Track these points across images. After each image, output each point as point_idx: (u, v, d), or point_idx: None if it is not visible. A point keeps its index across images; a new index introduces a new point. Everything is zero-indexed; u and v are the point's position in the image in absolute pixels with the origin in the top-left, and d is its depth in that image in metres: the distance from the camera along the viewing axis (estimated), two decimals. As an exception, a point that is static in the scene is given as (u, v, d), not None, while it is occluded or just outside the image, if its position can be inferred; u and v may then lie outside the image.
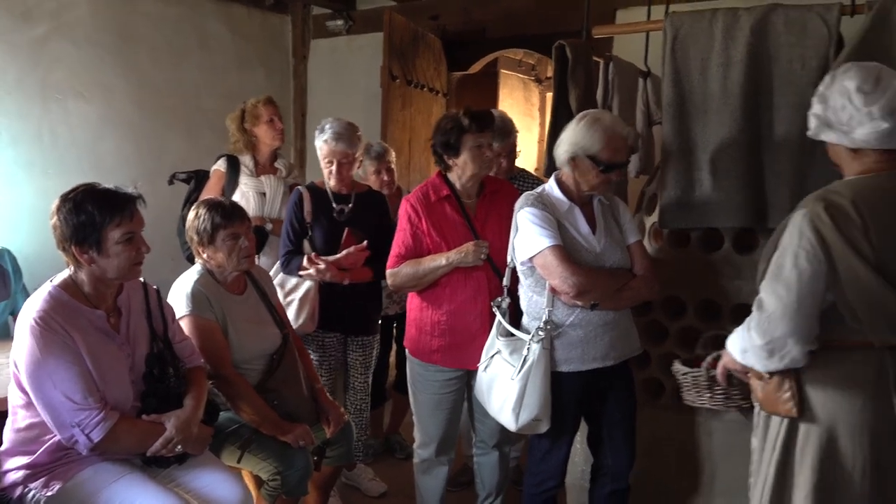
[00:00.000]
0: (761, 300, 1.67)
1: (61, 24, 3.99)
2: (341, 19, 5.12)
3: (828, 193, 1.67)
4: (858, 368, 1.66)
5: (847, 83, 1.67)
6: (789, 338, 1.63)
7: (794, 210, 1.71)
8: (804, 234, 1.63)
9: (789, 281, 1.63)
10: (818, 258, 1.61)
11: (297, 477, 2.34)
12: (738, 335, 1.74)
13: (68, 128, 4.07)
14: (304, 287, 2.97)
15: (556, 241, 2.16)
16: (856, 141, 1.68)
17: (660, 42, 2.56)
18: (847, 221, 1.61)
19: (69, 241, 1.90)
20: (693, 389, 2.12)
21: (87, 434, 1.86)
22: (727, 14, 2.39)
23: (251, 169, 3.43)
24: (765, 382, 1.75)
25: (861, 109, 1.65)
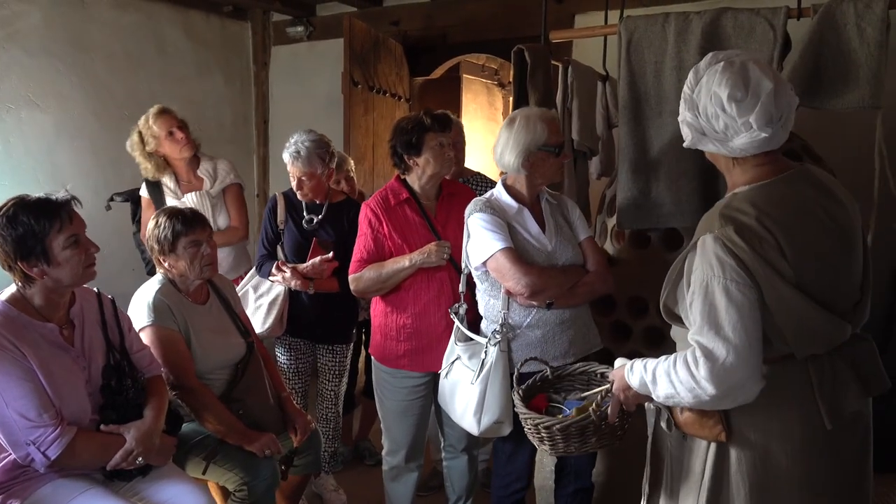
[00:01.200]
0: (707, 348, 1.47)
1: (14, 32, 3.90)
2: (301, 26, 5.10)
3: (732, 213, 1.51)
4: (783, 382, 1.55)
5: (717, 90, 1.53)
6: (747, 381, 1.48)
7: (696, 237, 1.55)
8: (725, 264, 1.47)
9: (732, 321, 1.46)
10: (748, 285, 1.46)
11: (263, 487, 2.32)
12: (669, 381, 1.54)
13: (22, 138, 3.98)
14: (275, 291, 3.02)
15: (507, 244, 2.20)
16: (734, 150, 1.55)
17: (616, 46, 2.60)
18: (761, 242, 1.47)
19: (14, 258, 1.85)
20: (574, 439, 1.85)
21: (44, 451, 1.82)
22: (679, 18, 2.44)
23: (173, 189, 3.27)
24: (683, 409, 1.62)
25: (737, 119, 1.52)
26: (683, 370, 1.50)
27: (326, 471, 3.26)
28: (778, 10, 2.30)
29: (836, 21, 2.19)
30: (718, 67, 1.55)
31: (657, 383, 1.57)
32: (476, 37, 4.60)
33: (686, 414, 1.61)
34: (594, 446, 1.86)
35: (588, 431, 1.83)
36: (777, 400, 1.54)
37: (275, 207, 3.04)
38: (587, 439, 1.84)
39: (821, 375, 1.54)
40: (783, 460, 1.56)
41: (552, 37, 2.94)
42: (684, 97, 1.62)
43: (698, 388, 1.48)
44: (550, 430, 1.84)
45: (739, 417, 1.56)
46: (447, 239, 2.46)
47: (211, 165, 3.35)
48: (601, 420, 1.78)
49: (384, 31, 4.70)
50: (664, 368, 1.55)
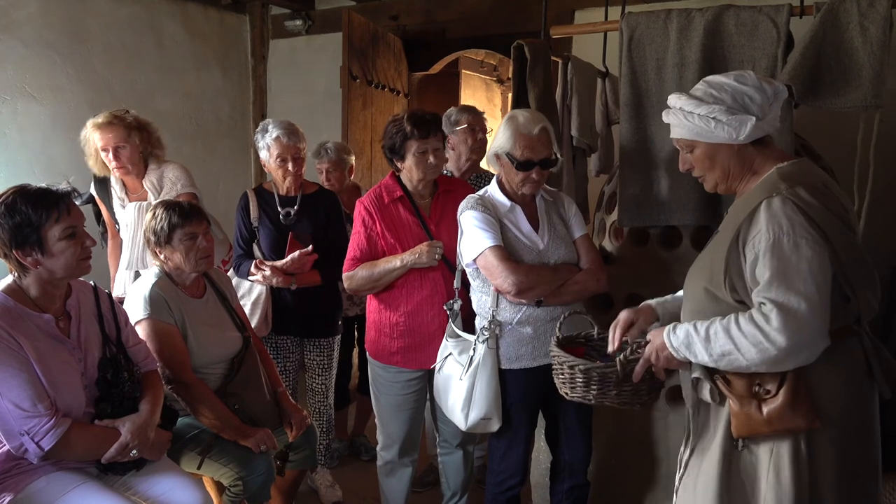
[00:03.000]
0: (779, 302, 1.47)
1: (10, 23, 3.88)
2: (300, 19, 5.08)
3: (795, 177, 1.57)
4: (853, 355, 1.58)
5: (742, 75, 1.66)
6: (817, 336, 1.49)
7: (745, 207, 1.58)
8: (795, 221, 1.50)
9: (803, 275, 1.48)
10: (818, 242, 1.50)
11: (259, 482, 2.31)
12: (721, 338, 1.53)
13: (18, 130, 3.95)
14: (256, 291, 2.96)
15: (496, 242, 2.19)
16: (769, 124, 1.65)
17: (617, 42, 2.59)
18: (830, 200, 1.54)
19: (9, 246, 1.85)
20: (594, 385, 1.85)
21: (38, 442, 1.81)
22: (681, 15, 2.43)
23: (121, 197, 3.01)
24: (762, 401, 1.55)
25: (767, 91, 1.63)
26: (749, 325, 1.50)
27: (323, 464, 3.25)
28: (781, 7, 2.29)
29: (839, 19, 2.19)
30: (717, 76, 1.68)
31: (711, 341, 1.54)
32: (475, 32, 4.59)
33: (772, 406, 1.54)
34: (612, 400, 1.85)
35: (609, 381, 1.82)
36: (851, 374, 1.58)
37: (247, 205, 2.98)
38: (606, 390, 1.84)
39: (873, 344, 1.60)
40: (860, 438, 1.58)
41: (552, 33, 2.93)
42: (689, 99, 1.66)
43: (766, 342, 1.47)
44: (574, 370, 1.86)
45: (825, 395, 1.55)
46: (440, 238, 2.44)
47: (157, 176, 2.98)
48: (625, 373, 1.78)
49: (383, 25, 4.68)
50: (722, 325, 1.54)
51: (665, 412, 2.51)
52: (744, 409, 1.57)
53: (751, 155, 1.66)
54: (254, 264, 2.86)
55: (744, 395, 1.57)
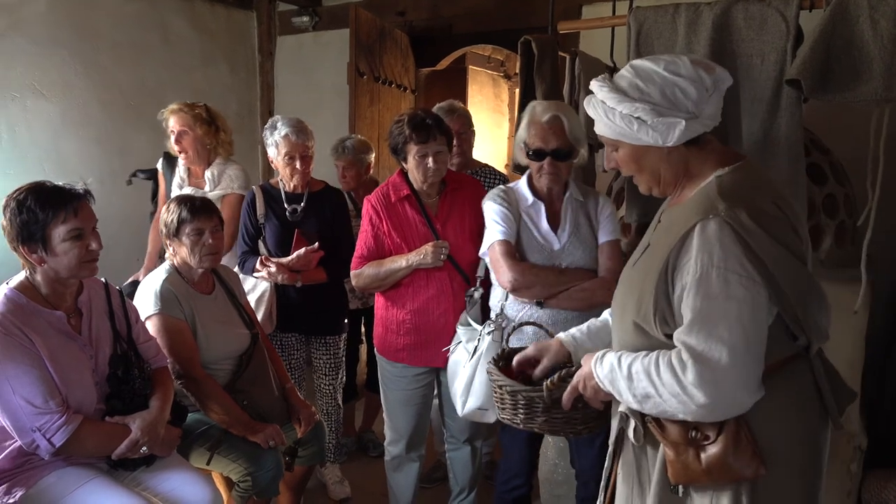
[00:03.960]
0: (697, 350, 1.28)
1: (19, 21, 3.89)
2: (307, 15, 5.07)
3: (737, 193, 1.34)
4: (800, 385, 1.39)
5: (674, 65, 1.38)
6: (741, 390, 1.29)
7: (682, 224, 1.34)
8: (729, 252, 1.28)
9: (729, 318, 1.27)
10: (753, 279, 1.27)
11: (268, 478, 2.32)
12: (641, 379, 1.34)
13: (28, 127, 3.97)
14: (261, 288, 2.96)
15: (505, 237, 2.20)
16: (706, 123, 1.39)
17: (625, 37, 2.58)
18: (778, 224, 1.31)
19: (16, 242, 1.88)
20: (522, 410, 1.68)
21: (49, 438, 1.82)
22: (690, 9, 2.41)
23: (183, 176, 3.28)
24: (700, 448, 1.35)
25: (705, 80, 1.38)
26: (668, 373, 1.30)
27: (332, 460, 3.25)
28: (790, 1, 2.27)
29: (850, 13, 2.16)
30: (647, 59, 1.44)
31: (633, 380, 1.35)
32: (482, 27, 4.58)
33: (711, 454, 1.34)
34: (541, 427, 1.69)
35: (536, 407, 1.66)
36: (800, 406, 1.39)
37: (253, 201, 2.98)
38: (534, 416, 1.67)
39: (824, 370, 1.42)
40: (813, 471, 1.40)
41: (560, 28, 2.92)
42: (611, 91, 1.42)
43: (684, 395, 1.28)
44: (502, 389, 1.72)
45: (770, 438, 1.35)
46: (447, 237, 2.44)
47: (219, 170, 3.23)
48: (552, 400, 1.61)
49: (390, 21, 4.67)
50: (643, 365, 1.34)
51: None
52: (680, 457, 1.37)
53: (684, 157, 1.43)
54: (259, 261, 2.86)
55: (679, 442, 1.37)
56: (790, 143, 2.30)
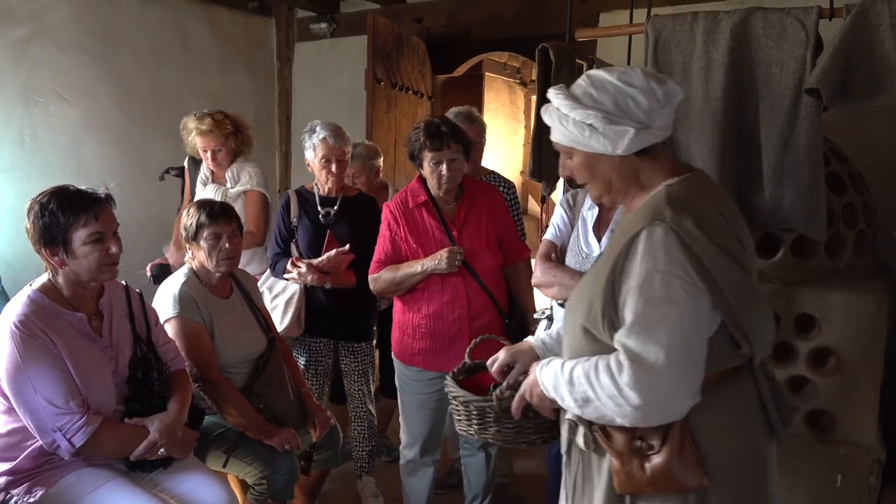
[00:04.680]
0: (634, 352, 1.28)
1: (43, 27, 3.95)
2: (325, 22, 5.11)
3: (684, 202, 1.35)
4: (744, 397, 1.40)
5: (627, 75, 1.41)
6: (677, 393, 1.28)
7: (628, 231, 1.36)
8: (673, 258, 1.29)
9: (669, 321, 1.27)
10: (695, 286, 1.28)
11: (283, 481, 2.33)
12: (581, 382, 1.34)
13: (50, 131, 4.03)
14: (290, 290, 2.98)
15: (551, 237, 2.27)
16: (657, 134, 1.40)
17: (642, 45, 2.58)
18: (722, 233, 1.33)
19: (39, 244, 1.90)
20: (476, 420, 1.68)
21: (69, 439, 1.84)
22: (708, 17, 2.41)
23: (206, 175, 3.45)
24: (644, 457, 1.35)
25: (657, 92, 1.39)
26: (605, 375, 1.30)
27: (367, 472, 3.20)
28: (810, 9, 2.26)
29: (870, 21, 2.15)
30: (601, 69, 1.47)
31: (574, 384, 1.35)
32: (499, 34, 4.59)
33: (655, 464, 1.34)
34: (495, 438, 1.68)
35: (488, 418, 1.66)
36: (744, 419, 1.39)
37: (288, 205, 3.03)
38: (487, 426, 1.67)
39: (766, 382, 1.43)
40: (752, 489, 1.39)
41: (578, 35, 2.92)
42: (565, 99, 1.44)
43: (620, 397, 1.28)
44: (455, 401, 1.72)
45: (713, 450, 1.35)
46: (463, 244, 2.45)
47: (238, 169, 3.41)
48: (502, 410, 1.60)
49: (407, 28, 4.70)
50: (584, 369, 1.35)
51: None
52: (625, 466, 1.36)
53: (636, 167, 1.44)
54: (290, 261, 2.90)
55: (624, 452, 1.36)
56: (809, 151, 2.29)
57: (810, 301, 2.34)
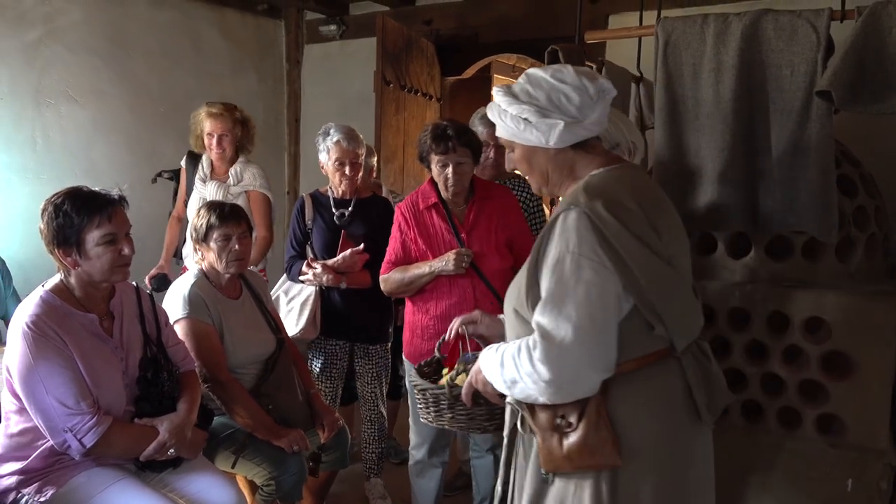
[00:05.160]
0: (545, 328, 1.35)
1: (55, 29, 3.98)
2: (334, 24, 5.12)
3: (599, 188, 1.43)
4: (667, 383, 1.43)
5: (560, 72, 1.49)
6: (585, 368, 1.34)
7: (558, 212, 1.43)
8: (584, 239, 1.35)
9: (577, 299, 1.33)
10: (604, 266, 1.34)
11: (291, 482, 2.34)
12: (509, 364, 1.40)
13: (61, 132, 4.06)
14: (306, 293, 2.99)
15: None
16: (587, 128, 1.48)
17: (652, 47, 2.57)
18: (632, 217, 1.38)
19: (53, 245, 1.92)
20: (433, 407, 1.73)
21: (80, 439, 1.85)
22: (718, 19, 2.40)
23: (205, 172, 3.45)
24: (563, 431, 1.40)
25: (590, 88, 1.47)
26: (524, 354, 1.37)
27: (376, 474, 3.20)
28: (821, 11, 2.25)
29: (882, 23, 2.14)
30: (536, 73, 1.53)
31: (504, 367, 1.42)
32: (508, 37, 4.59)
33: (567, 446, 1.39)
34: (451, 425, 1.72)
35: (442, 404, 1.69)
36: (664, 406, 1.43)
37: (302, 208, 3.05)
38: (442, 413, 1.71)
39: (695, 370, 1.46)
40: (674, 475, 1.43)
41: (588, 37, 2.92)
42: (504, 95, 1.52)
43: (535, 373, 1.34)
44: (415, 389, 1.76)
45: (629, 431, 1.39)
46: (471, 246, 2.46)
47: (241, 167, 3.44)
48: (453, 397, 1.63)
49: (416, 30, 4.70)
50: (510, 351, 1.41)
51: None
52: (546, 443, 1.42)
53: (570, 160, 1.51)
54: (305, 263, 2.92)
55: (546, 428, 1.42)
56: (820, 154, 2.28)
57: (821, 304, 2.33)
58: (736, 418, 2.49)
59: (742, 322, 2.46)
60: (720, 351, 2.50)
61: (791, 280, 2.44)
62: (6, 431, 1.96)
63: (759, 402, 2.45)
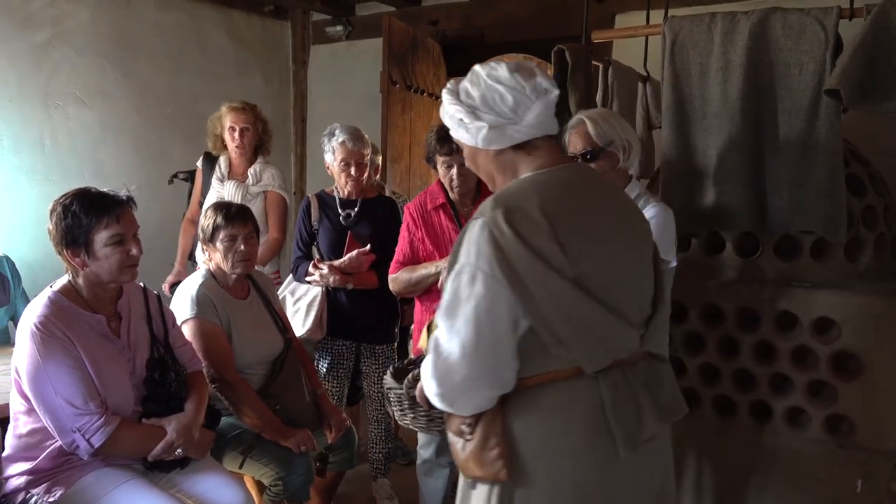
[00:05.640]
0: (437, 339, 1.32)
1: (62, 31, 4.00)
2: (341, 25, 5.12)
3: (507, 196, 1.35)
4: (575, 404, 1.33)
5: (492, 72, 1.41)
6: (473, 384, 1.30)
7: (470, 220, 1.36)
8: (482, 252, 1.29)
9: (466, 314, 1.28)
10: (498, 280, 1.27)
11: (299, 482, 2.34)
12: (425, 371, 1.37)
13: (69, 134, 4.07)
14: (312, 294, 2.99)
15: None
16: (526, 130, 1.39)
17: (659, 46, 2.57)
18: (532, 229, 1.29)
19: (61, 245, 1.92)
20: (397, 406, 1.74)
21: (88, 439, 1.86)
22: (726, 18, 2.40)
23: (223, 172, 3.46)
24: (465, 439, 1.38)
25: (525, 87, 1.38)
26: (424, 365, 1.35)
27: (383, 474, 3.20)
28: (829, 10, 2.24)
29: (891, 21, 2.13)
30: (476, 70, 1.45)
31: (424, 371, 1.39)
32: (514, 37, 4.58)
33: (463, 451, 1.37)
34: (414, 425, 1.72)
35: (404, 405, 1.70)
36: (567, 427, 1.34)
37: (308, 208, 3.05)
38: (405, 413, 1.72)
39: (614, 394, 1.34)
40: (580, 497, 1.35)
41: (594, 37, 2.92)
42: (448, 93, 1.46)
43: (428, 386, 1.33)
44: (385, 388, 1.77)
45: (524, 449, 1.33)
46: None
47: (261, 168, 3.46)
48: (410, 398, 1.62)
49: (422, 30, 4.70)
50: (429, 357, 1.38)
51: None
52: (453, 447, 1.41)
53: (513, 161, 1.43)
54: (311, 264, 2.92)
55: (454, 433, 1.40)
56: (828, 153, 2.27)
57: (830, 304, 2.32)
58: (744, 418, 2.48)
59: (750, 322, 2.45)
60: (728, 351, 2.49)
61: (799, 280, 2.43)
62: (15, 432, 1.97)
63: (767, 403, 2.44)
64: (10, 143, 3.85)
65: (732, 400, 2.51)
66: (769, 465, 2.41)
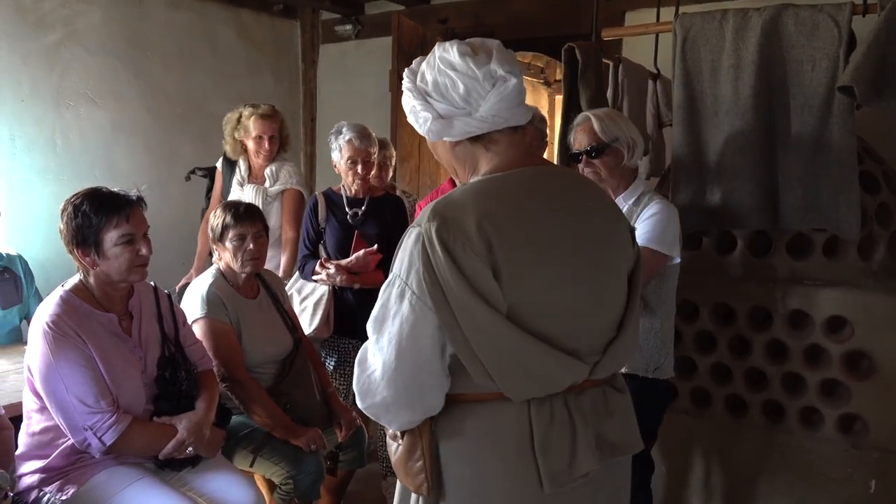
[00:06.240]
0: (363, 352, 1.26)
1: (74, 31, 4.02)
2: (350, 24, 5.13)
3: (446, 205, 1.21)
4: (500, 430, 1.23)
5: (443, 55, 1.26)
6: (391, 406, 1.23)
7: (413, 224, 1.25)
8: (413, 266, 1.19)
9: (391, 331, 1.20)
10: (423, 302, 1.17)
11: (309, 481, 2.34)
12: None
13: (81, 134, 4.10)
14: (319, 292, 2.99)
15: None
16: (484, 121, 1.25)
17: (669, 44, 2.55)
18: (465, 247, 1.16)
19: (72, 244, 1.94)
20: None
21: (100, 437, 1.87)
22: (737, 15, 2.38)
23: (243, 175, 3.45)
24: (397, 443, 1.32)
25: (477, 73, 1.22)
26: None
27: (393, 473, 3.20)
28: (843, 6, 2.22)
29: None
30: (434, 50, 1.30)
31: None
32: (523, 35, 4.57)
33: (397, 455, 1.32)
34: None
35: None
36: (493, 451, 1.24)
37: (315, 207, 3.04)
38: None
39: (547, 424, 1.22)
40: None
41: (604, 34, 2.91)
42: (407, 73, 1.33)
43: (356, 394, 1.27)
44: None
45: (449, 466, 1.26)
46: None
47: (278, 167, 3.44)
48: None
49: (432, 29, 4.69)
50: None
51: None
52: (389, 449, 1.36)
53: (472, 154, 1.30)
54: (318, 263, 2.91)
55: (392, 436, 1.35)
56: (842, 150, 2.25)
57: (842, 303, 2.30)
58: (756, 418, 2.46)
59: (762, 321, 2.44)
60: (740, 350, 2.48)
61: (812, 278, 2.41)
62: (28, 430, 1.98)
63: (779, 402, 2.43)
64: (23, 143, 3.88)
65: (744, 399, 2.50)
66: (781, 465, 2.40)
